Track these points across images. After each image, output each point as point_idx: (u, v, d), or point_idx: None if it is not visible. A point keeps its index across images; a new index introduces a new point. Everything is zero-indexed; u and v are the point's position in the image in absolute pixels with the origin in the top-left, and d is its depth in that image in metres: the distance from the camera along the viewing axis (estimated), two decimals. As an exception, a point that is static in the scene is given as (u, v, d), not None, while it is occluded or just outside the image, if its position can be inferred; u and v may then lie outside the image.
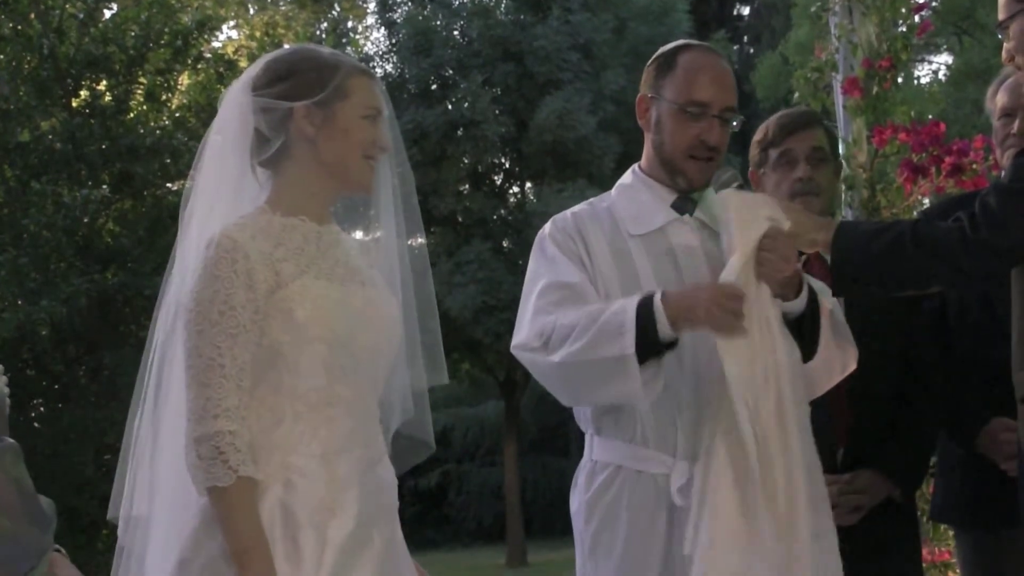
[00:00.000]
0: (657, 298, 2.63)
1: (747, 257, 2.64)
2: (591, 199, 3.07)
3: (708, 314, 2.57)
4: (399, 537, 2.51)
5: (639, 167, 3.02)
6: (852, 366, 2.90)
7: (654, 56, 3.01)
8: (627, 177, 3.04)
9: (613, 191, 3.04)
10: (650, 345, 2.61)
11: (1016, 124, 3.38)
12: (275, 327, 2.37)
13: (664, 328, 2.60)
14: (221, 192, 2.53)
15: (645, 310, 2.62)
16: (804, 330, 2.76)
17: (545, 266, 2.89)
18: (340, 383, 2.41)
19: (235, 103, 2.53)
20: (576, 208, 3.01)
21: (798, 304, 2.74)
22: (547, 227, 2.97)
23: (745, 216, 2.66)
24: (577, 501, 2.93)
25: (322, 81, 2.46)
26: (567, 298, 2.78)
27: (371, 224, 2.68)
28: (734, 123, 2.92)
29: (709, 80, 2.87)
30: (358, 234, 2.70)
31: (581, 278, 2.83)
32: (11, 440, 2.05)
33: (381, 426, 2.59)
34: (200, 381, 2.32)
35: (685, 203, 2.93)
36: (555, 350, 2.71)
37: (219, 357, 2.31)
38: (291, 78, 2.49)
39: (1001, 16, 2.78)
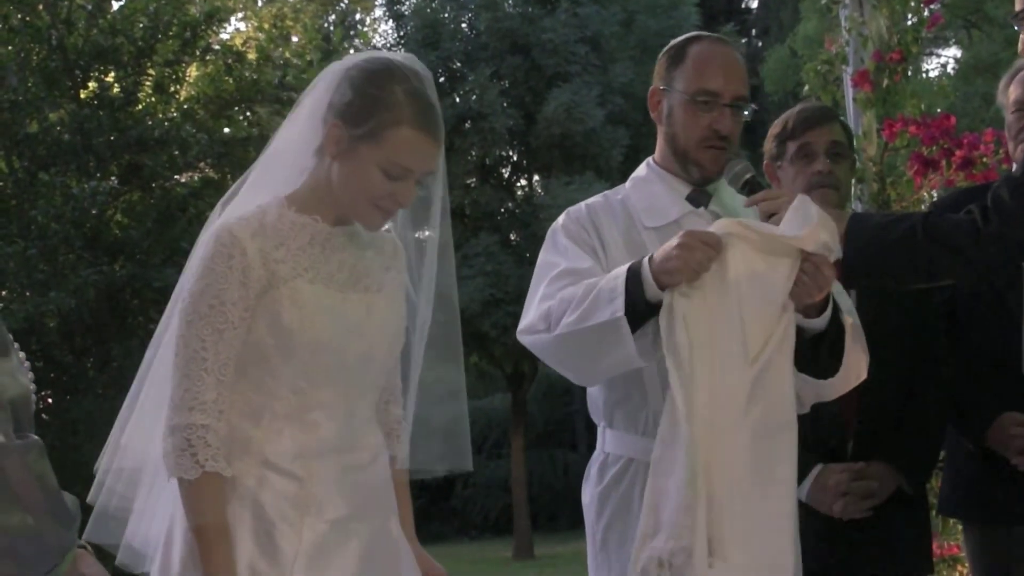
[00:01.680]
0: (645, 260, 2.64)
1: (781, 240, 2.61)
2: (606, 192, 3.06)
3: (679, 258, 2.56)
4: (395, 532, 2.50)
5: (653, 160, 3.02)
6: (864, 375, 2.87)
7: (664, 49, 3.00)
8: (641, 170, 3.03)
9: (627, 184, 3.03)
10: (641, 307, 2.61)
11: None
12: (261, 327, 2.36)
13: (651, 288, 2.60)
14: (271, 168, 2.52)
15: (634, 273, 2.63)
16: (822, 347, 2.74)
17: (556, 255, 2.88)
18: (323, 389, 2.40)
19: (324, 80, 2.47)
20: (590, 200, 3.01)
21: (819, 323, 2.72)
22: (560, 219, 2.97)
23: (818, 227, 2.60)
24: (589, 494, 2.93)
25: (365, 116, 2.36)
26: (575, 284, 2.77)
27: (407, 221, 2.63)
28: (746, 112, 2.91)
29: (718, 69, 2.87)
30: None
31: (592, 265, 2.82)
32: (35, 437, 2.05)
33: (395, 422, 2.60)
34: (183, 372, 2.33)
35: (700, 196, 2.93)
36: (555, 326, 2.72)
37: (202, 351, 2.32)
38: (350, 92, 2.39)
39: (1018, 6, 2.76)
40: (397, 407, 2.63)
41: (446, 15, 21.07)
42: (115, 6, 16.46)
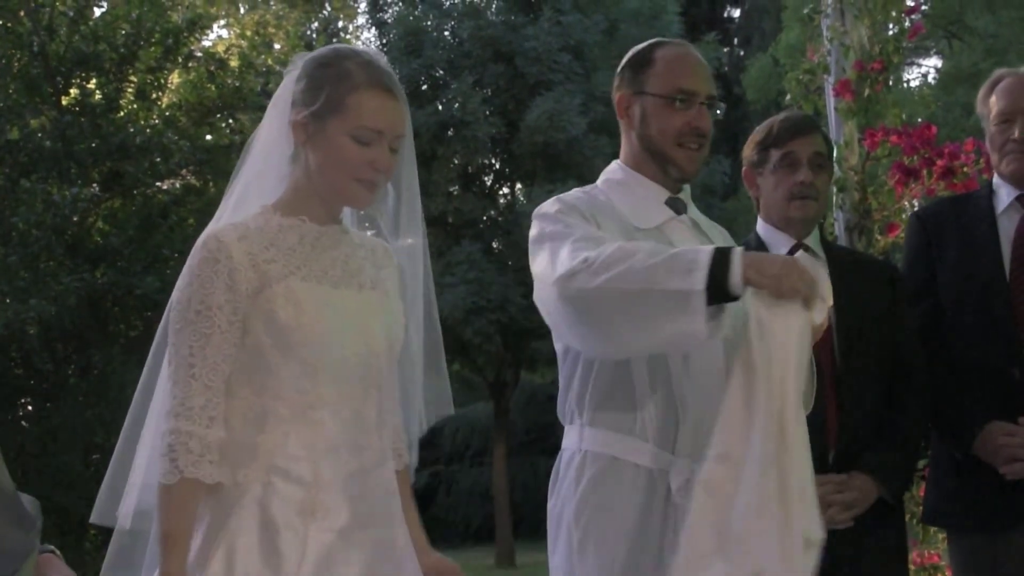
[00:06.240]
0: (737, 249, 2.54)
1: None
2: (584, 188, 3.00)
3: (781, 269, 2.49)
4: (400, 540, 2.49)
5: (624, 164, 2.99)
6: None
7: (626, 58, 3.00)
8: (616, 173, 2.99)
9: (602, 185, 2.99)
10: (718, 291, 2.49)
11: (1017, 130, 3.37)
12: (258, 328, 2.37)
13: (735, 276, 2.48)
14: (251, 184, 2.54)
15: (721, 256, 2.51)
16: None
17: (565, 229, 2.73)
18: (326, 386, 2.40)
19: (283, 86, 2.52)
20: (574, 192, 2.94)
21: None
22: (552, 205, 2.85)
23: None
24: (563, 494, 2.87)
25: (320, 92, 2.42)
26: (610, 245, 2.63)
27: (391, 229, 2.65)
28: (718, 111, 2.94)
29: (692, 70, 2.90)
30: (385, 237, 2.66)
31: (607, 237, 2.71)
32: None
33: (394, 430, 2.60)
34: (173, 379, 2.35)
35: (678, 203, 2.92)
36: (599, 274, 2.55)
37: (190, 356, 2.34)
38: (304, 80, 2.46)
39: None
40: (398, 419, 2.63)
41: (429, 23, 21.07)
42: (97, 13, 16.44)
